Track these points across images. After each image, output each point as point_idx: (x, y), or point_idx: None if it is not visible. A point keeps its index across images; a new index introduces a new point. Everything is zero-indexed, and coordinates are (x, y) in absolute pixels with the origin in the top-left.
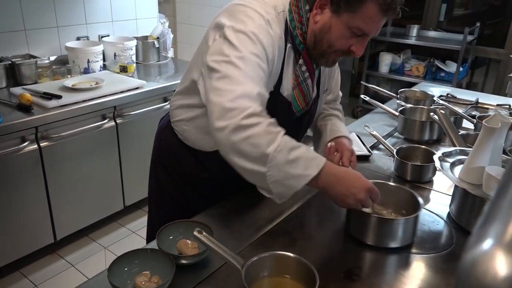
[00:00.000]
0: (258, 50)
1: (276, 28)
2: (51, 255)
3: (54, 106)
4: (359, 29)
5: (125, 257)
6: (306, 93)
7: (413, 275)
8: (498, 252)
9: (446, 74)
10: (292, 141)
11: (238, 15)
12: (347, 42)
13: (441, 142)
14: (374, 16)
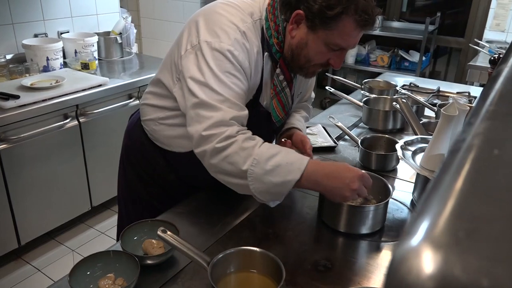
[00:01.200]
0: (234, 69)
1: (252, 37)
2: (15, 261)
3: (12, 107)
4: (336, 45)
5: (87, 261)
6: (285, 103)
7: (379, 263)
8: (424, 248)
9: (410, 63)
10: (270, 150)
11: (214, 27)
12: (324, 56)
13: (404, 131)
14: (351, 32)
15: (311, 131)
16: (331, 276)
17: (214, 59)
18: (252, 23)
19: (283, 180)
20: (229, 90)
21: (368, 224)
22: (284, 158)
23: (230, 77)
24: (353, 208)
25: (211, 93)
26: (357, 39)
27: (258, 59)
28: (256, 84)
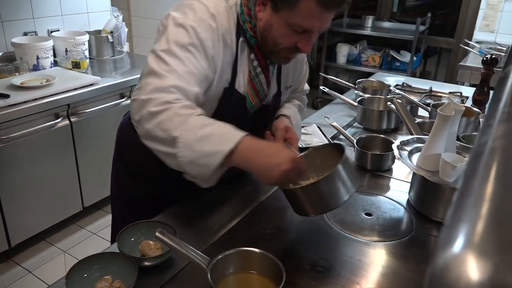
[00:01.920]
0: (192, 45)
1: (223, 21)
2: (6, 263)
3: (1, 106)
4: (299, 26)
5: (84, 263)
6: (259, 89)
7: (376, 262)
8: (469, 256)
9: (401, 63)
10: (206, 120)
11: (184, 7)
12: (291, 39)
13: (398, 131)
14: (313, 12)
15: (306, 131)
16: (330, 276)
17: (174, 32)
18: (226, 8)
19: (214, 149)
20: (180, 63)
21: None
22: (219, 128)
23: (186, 52)
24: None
25: (161, 63)
26: (323, 21)
27: (228, 41)
28: (229, 69)
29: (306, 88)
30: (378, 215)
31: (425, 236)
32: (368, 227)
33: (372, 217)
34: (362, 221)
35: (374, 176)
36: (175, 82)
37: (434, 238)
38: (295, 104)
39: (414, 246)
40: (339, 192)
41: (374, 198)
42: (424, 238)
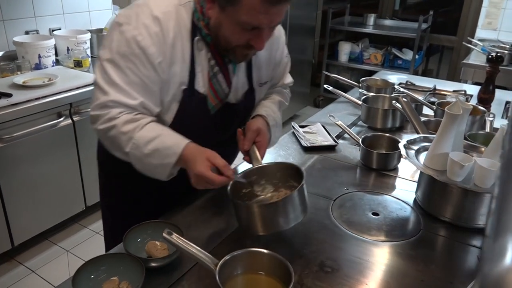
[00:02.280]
0: (133, 55)
1: (171, 22)
2: (9, 262)
3: (4, 105)
4: (246, 23)
5: (91, 264)
6: (217, 89)
7: (384, 263)
8: None
9: (403, 61)
10: (150, 133)
11: (131, 9)
12: (242, 37)
13: (403, 129)
14: (258, 7)
15: (310, 130)
16: (338, 277)
17: (117, 41)
18: (177, 6)
19: (161, 162)
20: (121, 74)
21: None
22: (162, 142)
23: (127, 62)
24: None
25: (104, 75)
26: (272, 16)
27: (179, 45)
28: (185, 70)
29: (288, 81)
30: (385, 214)
31: (433, 236)
32: (375, 227)
33: (379, 217)
34: (369, 221)
35: (380, 175)
36: (116, 97)
37: (442, 238)
38: (275, 102)
39: (422, 246)
40: (286, 217)
41: (380, 197)
42: (432, 238)
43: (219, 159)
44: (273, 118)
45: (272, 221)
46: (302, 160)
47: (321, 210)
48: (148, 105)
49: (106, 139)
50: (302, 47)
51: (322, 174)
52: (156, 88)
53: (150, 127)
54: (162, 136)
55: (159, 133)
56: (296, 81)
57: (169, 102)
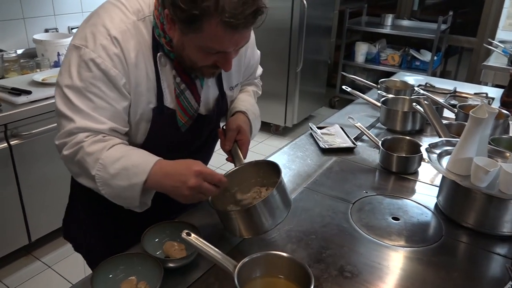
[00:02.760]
0: (95, 78)
1: (130, 41)
2: (26, 257)
3: (23, 102)
4: (210, 48)
5: (109, 263)
6: (186, 106)
7: (404, 269)
8: None
9: (421, 63)
10: (118, 152)
11: (86, 29)
12: (207, 59)
13: (423, 133)
14: (221, 34)
15: (328, 131)
16: (358, 282)
17: (76, 66)
18: (135, 23)
19: (129, 183)
20: (85, 100)
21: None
22: (130, 161)
23: (90, 87)
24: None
25: (68, 103)
26: (236, 40)
27: (142, 64)
28: (152, 88)
29: (259, 73)
30: (405, 219)
31: (455, 242)
32: (395, 232)
33: (400, 222)
34: (389, 226)
35: (400, 179)
36: (83, 123)
37: (465, 245)
38: (250, 94)
39: (444, 253)
40: (268, 218)
41: (400, 201)
42: (455, 244)
43: (208, 169)
44: (252, 112)
45: (254, 224)
46: (319, 162)
47: (340, 213)
48: (117, 128)
49: (73, 164)
50: (318, 47)
51: (340, 177)
52: (124, 111)
53: (118, 147)
54: (129, 154)
55: (127, 152)
56: (312, 82)
57: (137, 123)
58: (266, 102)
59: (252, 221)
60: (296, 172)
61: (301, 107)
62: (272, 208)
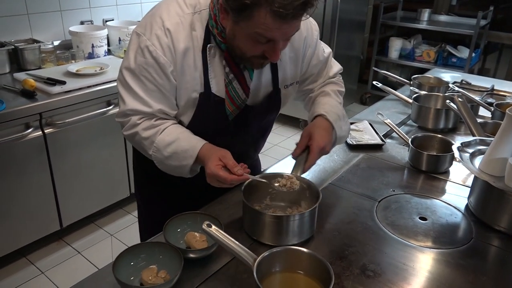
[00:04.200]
0: (147, 64)
1: (180, 34)
2: (57, 242)
3: (58, 92)
4: (259, 35)
5: (131, 251)
6: (233, 96)
7: (430, 270)
8: None
9: (457, 59)
10: (169, 137)
11: (148, 18)
12: (256, 49)
13: (456, 131)
14: (270, 23)
15: (357, 127)
16: (380, 282)
17: (134, 51)
18: (189, 17)
19: (180, 164)
20: (138, 83)
21: (293, 234)
22: (180, 146)
23: (143, 70)
24: (275, 218)
25: (125, 84)
26: (285, 31)
27: (191, 54)
28: (199, 77)
29: (334, 72)
30: (433, 220)
31: (485, 245)
32: (422, 232)
33: (427, 222)
34: (416, 226)
35: (429, 178)
36: (133, 105)
37: (496, 248)
38: (330, 94)
39: (474, 256)
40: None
41: (429, 201)
42: (485, 248)
43: (229, 159)
44: (334, 113)
45: (276, 233)
46: (346, 158)
47: (365, 211)
48: (165, 110)
49: (133, 143)
50: (351, 43)
51: (367, 174)
52: (171, 95)
53: (169, 131)
54: (179, 140)
55: (177, 136)
56: (343, 77)
57: (183, 107)
58: None
59: (275, 229)
60: (321, 168)
61: None
62: (298, 226)
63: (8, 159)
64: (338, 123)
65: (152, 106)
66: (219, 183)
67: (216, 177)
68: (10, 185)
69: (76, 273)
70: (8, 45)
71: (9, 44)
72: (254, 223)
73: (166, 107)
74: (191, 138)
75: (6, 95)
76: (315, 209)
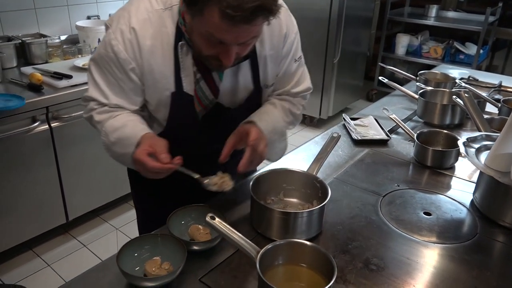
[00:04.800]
0: (108, 58)
1: (147, 31)
2: (63, 235)
3: (64, 86)
4: (210, 35)
5: (135, 242)
6: (201, 96)
7: (434, 265)
8: None
9: (465, 56)
10: (116, 123)
11: (119, 12)
12: (210, 49)
13: (462, 127)
14: (219, 23)
15: (362, 122)
16: (384, 276)
17: (102, 43)
18: (158, 12)
19: (123, 151)
20: (101, 74)
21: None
22: (123, 132)
23: (104, 63)
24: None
25: (90, 72)
26: (235, 34)
27: (159, 51)
28: (170, 75)
29: (300, 89)
30: (438, 215)
31: (490, 241)
32: (426, 227)
33: (432, 217)
34: (421, 220)
35: (434, 174)
36: (94, 94)
37: (501, 244)
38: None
39: (478, 251)
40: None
41: (434, 196)
42: (489, 243)
43: (159, 146)
44: (270, 123)
45: (283, 229)
46: (351, 153)
47: (369, 205)
48: (122, 105)
49: (93, 126)
50: (357, 39)
51: (372, 169)
52: (132, 91)
53: (120, 117)
54: (126, 126)
55: (125, 123)
56: (349, 74)
57: (156, 106)
58: None
59: (283, 224)
60: (326, 162)
61: (337, 99)
62: (310, 222)
63: (15, 153)
64: (271, 136)
65: (109, 98)
66: (147, 172)
67: (140, 162)
68: (16, 179)
69: (81, 266)
70: (15, 40)
71: (16, 38)
72: (262, 218)
73: (125, 102)
74: (136, 126)
75: (13, 89)
76: (323, 207)
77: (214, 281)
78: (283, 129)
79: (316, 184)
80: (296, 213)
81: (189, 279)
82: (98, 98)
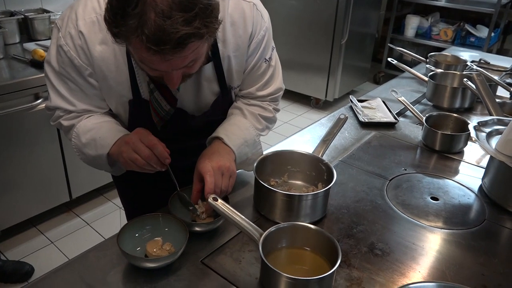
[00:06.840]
0: (63, 62)
1: (95, 36)
2: (67, 213)
3: None
4: (141, 61)
5: (136, 222)
6: (156, 107)
7: (440, 251)
8: None
9: (476, 39)
10: (89, 124)
11: (65, 13)
12: (152, 72)
13: (472, 111)
14: (148, 56)
15: (369, 104)
16: (388, 261)
17: (54, 45)
18: None
19: (96, 153)
20: (60, 81)
21: (305, 214)
22: (98, 133)
23: (62, 70)
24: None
25: (49, 79)
26: (170, 62)
27: (111, 57)
28: (123, 82)
29: (270, 90)
30: (445, 200)
31: (498, 227)
32: (433, 212)
33: (439, 202)
34: (427, 205)
35: (443, 158)
36: (58, 103)
37: (509, 231)
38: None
39: (486, 238)
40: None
41: (441, 181)
42: (497, 229)
43: (152, 136)
44: (240, 137)
45: (287, 212)
46: (358, 135)
47: (375, 189)
48: (90, 109)
49: (63, 132)
50: (366, 20)
51: (379, 152)
52: (95, 96)
53: (93, 118)
54: (101, 127)
55: (99, 124)
56: (357, 55)
57: (116, 111)
58: (307, 74)
59: (289, 208)
60: (332, 145)
61: (344, 81)
62: (315, 205)
63: (18, 130)
64: (242, 149)
65: (75, 105)
66: (134, 164)
67: (133, 147)
68: (20, 156)
69: (85, 244)
70: (18, 15)
71: (19, 13)
72: (265, 200)
73: (91, 106)
74: (114, 127)
75: (16, 65)
76: (328, 190)
77: (216, 263)
78: (255, 138)
79: (322, 166)
80: (300, 195)
81: (190, 261)
82: (64, 107)
